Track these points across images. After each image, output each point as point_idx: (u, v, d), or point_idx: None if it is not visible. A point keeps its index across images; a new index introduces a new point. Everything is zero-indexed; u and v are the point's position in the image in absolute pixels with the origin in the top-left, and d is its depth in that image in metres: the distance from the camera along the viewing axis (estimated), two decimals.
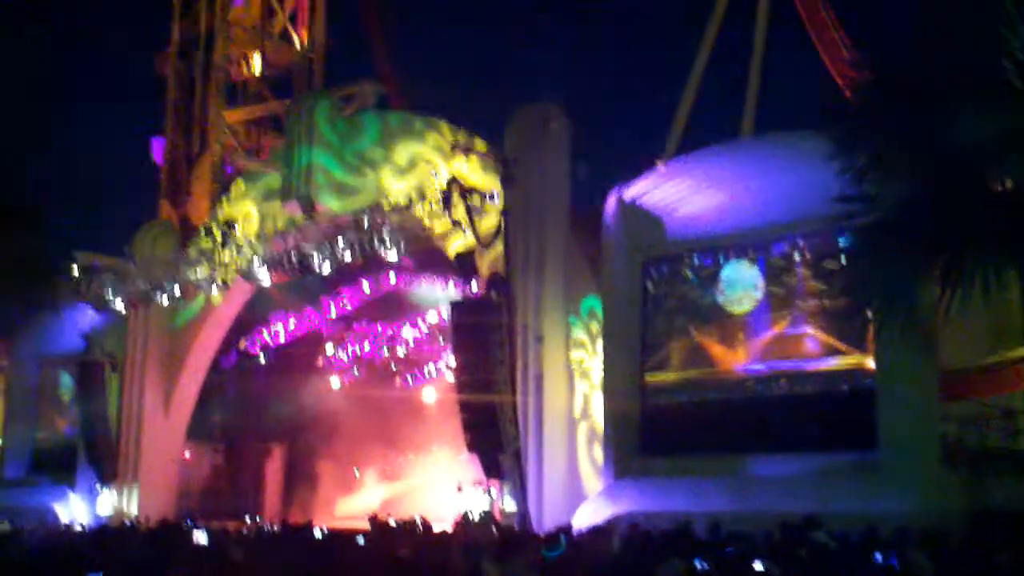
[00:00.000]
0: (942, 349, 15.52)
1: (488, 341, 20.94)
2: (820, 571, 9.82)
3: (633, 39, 65.95)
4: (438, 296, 28.72)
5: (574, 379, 21.06)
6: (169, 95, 40.88)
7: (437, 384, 32.06)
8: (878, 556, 9.76)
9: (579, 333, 21.15)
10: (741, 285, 18.80)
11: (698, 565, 8.82)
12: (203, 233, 27.78)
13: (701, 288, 19.36)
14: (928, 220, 8.59)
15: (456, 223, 21.61)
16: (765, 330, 18.44)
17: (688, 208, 19.38)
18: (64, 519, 27.97)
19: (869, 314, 15.56)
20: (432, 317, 30.74)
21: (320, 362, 33.52)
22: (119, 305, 28.17)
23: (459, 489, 22.06)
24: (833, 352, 17.55)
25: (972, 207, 9.16)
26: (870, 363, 16.93)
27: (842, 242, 17.13)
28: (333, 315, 31.25)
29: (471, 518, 19.62)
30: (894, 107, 9.58)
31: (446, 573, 10.70)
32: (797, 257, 18.14)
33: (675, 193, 19.49)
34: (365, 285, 29.98)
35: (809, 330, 17.82)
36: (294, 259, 24.42)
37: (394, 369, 33.51)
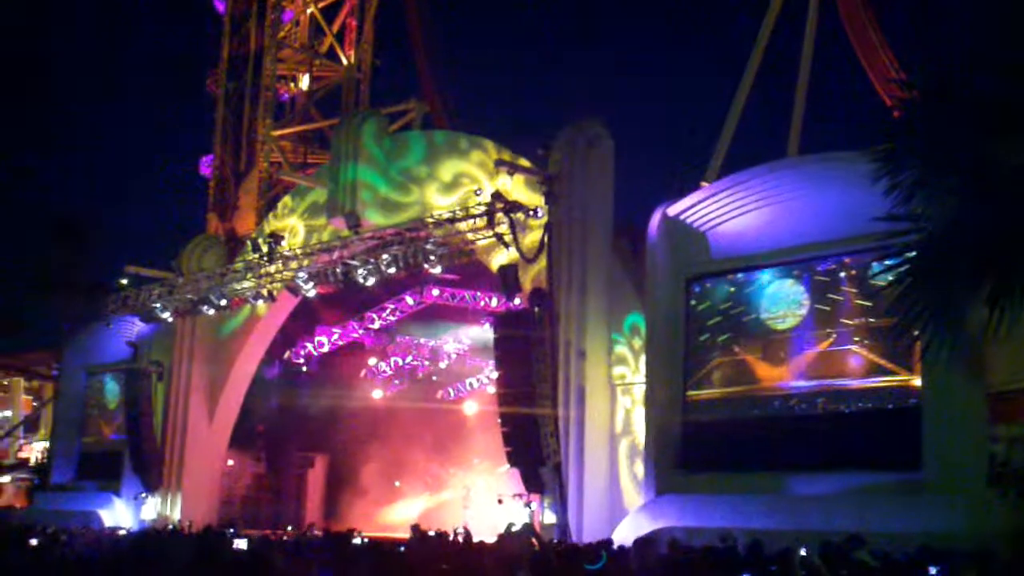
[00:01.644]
0: (990, 369, 15.34)
1: (530, 355, 21.07)
2: None
3: (680, 57, 66.00)
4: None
5: (616, 395, 21.08)
6: (218, 112, 41.64)
7: (479, 396, 32.22)
8: (932, 569, 9.69)
9: (622, 349, 21.16)
10: (785, 302, 18.70)
11: None
12: (250, 247, 28.18)
13: (745, 305, 19.28)
14: (977, 240, 8.49)
15: (499, 238, 21.73)
16: (809, 347, 18.28)
17: (732, 226, 19.38)
18: (109, 524, 28.40)
19: (916, 333, 15.38)
20: (474, 331, 30.94)
21: (363, 373, 33.84)
22: (166, 316, 28.59)
23: (500, 501, 22.12)
24: (878, 370, 17.34)
25: (1022, 227, 9.07)
26: (916, 382, 16.74)
27: (889, 261, 16.92)
28: (376, 327, 31.62)
29: (511, 530, 19.63)
30: (944, 126, 9.53)
31: None
32: (842, 275, 17.97)
33: (719, 211, 19.51)
34: (408, 298, 30.32)
35: (854, 348, 17.62)
36: (339, 272, 24.66)
37: (436, 381, 33.75)
